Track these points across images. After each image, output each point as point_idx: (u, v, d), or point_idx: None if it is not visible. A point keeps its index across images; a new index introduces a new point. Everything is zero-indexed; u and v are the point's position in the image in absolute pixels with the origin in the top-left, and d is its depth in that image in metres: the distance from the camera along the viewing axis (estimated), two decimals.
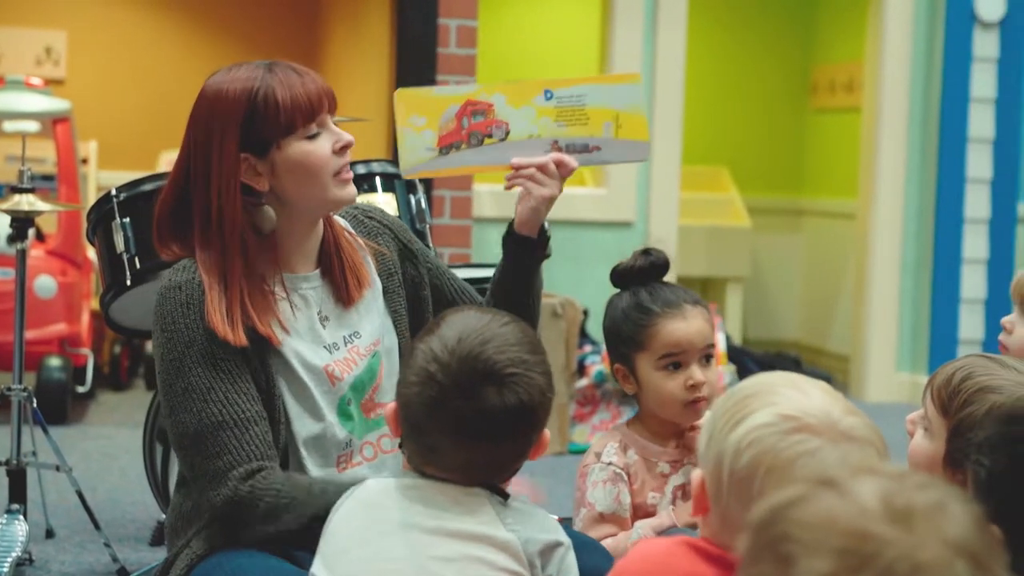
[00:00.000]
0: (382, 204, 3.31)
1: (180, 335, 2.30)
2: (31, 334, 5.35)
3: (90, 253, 5.93)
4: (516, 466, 1.93)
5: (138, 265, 3.29)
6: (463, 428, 1.86)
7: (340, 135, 2.41)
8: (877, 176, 6.68)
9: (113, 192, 3.36)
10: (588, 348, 5.73)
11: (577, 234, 6.21)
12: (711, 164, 7.90)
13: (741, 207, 7.73)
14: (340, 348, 2.43)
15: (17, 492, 3.65)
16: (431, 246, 3.46)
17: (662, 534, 2.47)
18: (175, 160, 2.43)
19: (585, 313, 5.85)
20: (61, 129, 5.83)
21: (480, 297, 2.67)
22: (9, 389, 3.69)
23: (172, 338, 2.30)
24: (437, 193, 5.72)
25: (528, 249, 2.60)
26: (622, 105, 2.57)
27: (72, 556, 3.86)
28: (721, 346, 5.94)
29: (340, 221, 2.53)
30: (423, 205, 3.50)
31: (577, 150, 2.59)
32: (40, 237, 5.87)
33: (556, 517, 2.03)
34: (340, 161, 2.40)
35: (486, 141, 2.56)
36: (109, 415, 5.83)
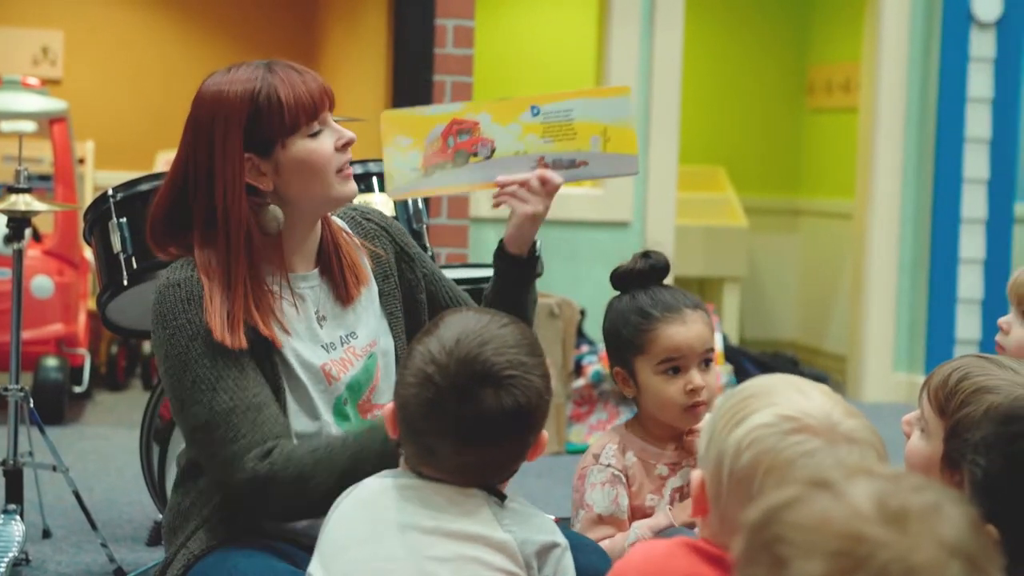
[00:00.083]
0: (379, 204, 3.30)
1: (183, 330, 2.30)
2: (28, 334, 5.35)
3: (87, 253, 5.93)
4: (514, 467, 1.93)
5: (135, 265, 3.29)
6: (460, 430, 1.86)
7: (342, 132, 2.42)
8: (874, 176, 6.68)
9: (110, 192, 3.36)
10: (585, 348, 5.73)
11: (574, 234, 6.20)
12: (708, 164, 7.89)
13: (738, 207, 7.72)
14: (337, 348, 2.43)
15: (14, 492, 3.64)
16: (428, 246, 3.45)
17: (660, 534, 2.47)
18: (172, 161, 2.43)
19: (582, 313, 5.84)
20: (58, 129, 5.82)
21: (476, 304, 2.65)
22: (6, 389, 3.69)
23: (176, 334, 2.30)
24: None
25: (517, 267, 2.57)
26: (611, 119, 2.52)
27: (69, 556, 3.86)
28: (718, 346, 5.94)
29: (338, 222, 2.53)
30: (420, 205, 3.50)
31: (564, 166, 2.54)
32: (37, 237, 5.86)
33: (553, 517, 2.03)
34: (342, 158, 2.41)
35: (471, 160, 2.52)
36: (106, 415, 5.83)
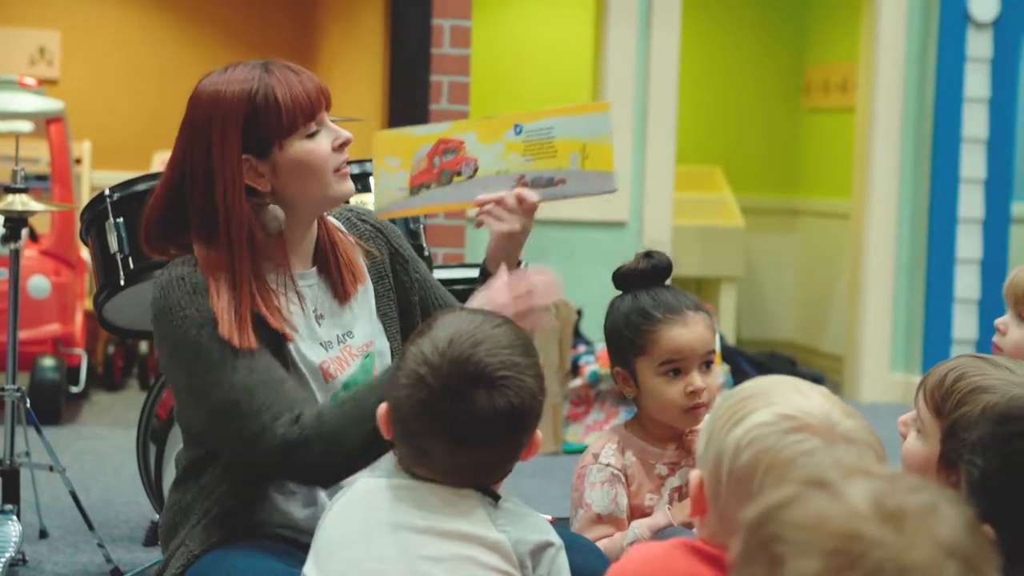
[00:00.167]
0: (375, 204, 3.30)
1: (192, 319, 2.28)
2: (25, 334, 5.35)
3: (84, 253, 5.92)
4: (507, 468, 1.93)
5: (132, 265, 3.29)
6: (453, 431, 1.85)
7: (339, 132, 2.42)
8: (871, 176, 6.69)
9: (107, 192, 3.36)
10: (582, 348, 5.73)
11: (571, 234, 6.21)
12: (705, 164, 7.90)
13: (735, 207, 7.72)
14: (334, 346, 2.43)
15: (10, 492, 3.64)
16: (425, 246, 3.45)
17: (658, 533, 2.46)
18: (167, 163, 2.42)
19: (579, 313, 5.84)
20: (55, 129, 5.82)
21: None
22: (2, 389, 3.69)
23: (184, 323, 2.28)
24: None
25: None
26: (590, 135, 2.50)
27: (66, 556, 3.86)
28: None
29: (333, 221, 2.53)
30: None
31: (542, 184, 2.52)
32: (34, 237, 5.86)
33: (550, 517, 2.03)
34: (339, 158, 2.41)
35: (455, 179, 2.51)
36: (103, 415, 5.83)
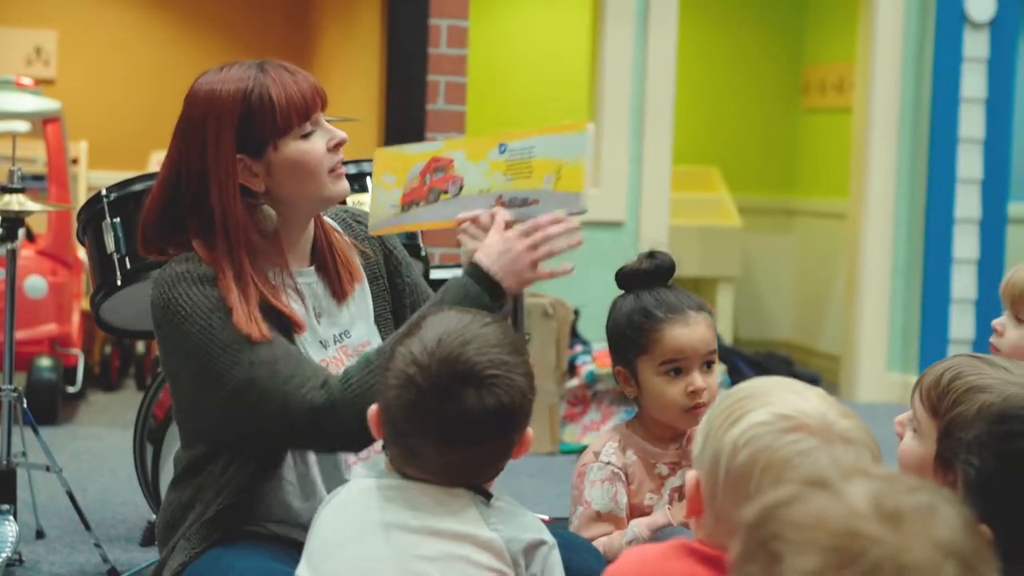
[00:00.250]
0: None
1: (202, 304, 2.29)
2: (21, 334, 5.34)
3: (80, 253, 5.92)
4: (499, 466, 1.92)
5: (128, 265, 3.29)
6: (442, 430, 1.85)
7: (334, 132, 2.42)
8: (868, 176, 6.69)
9: (103, 192, 3.36)
10: (579, 348, 5.73)
11: None
12: (702, 164, 7.90)
13: (732, 207, 7.73)
14: (330, 346, 2.43)
15: (7, 492, 3.64)
16: (422, 246, 3.46)
17: (658, 532, 2.47)
18: (163, 162, 2.42)
19: (576, 313, 5.84)
20: (51, 129, 5.82)
21: None
22: None
23: (194, 311, 2.29)
24: None
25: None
26: (566, 156, 2.47)
27: (62, 557, 3.86)
28: None
29: (329, 222, 2.54)
30: None
31: (518, 204, 2.50)
32: (30, 237, 5.86)
33: (547, 517, 2.03)
34: (334, 158, 2.41)
35: (442, 197, 2.51)
36: (99, 415, 5.83)
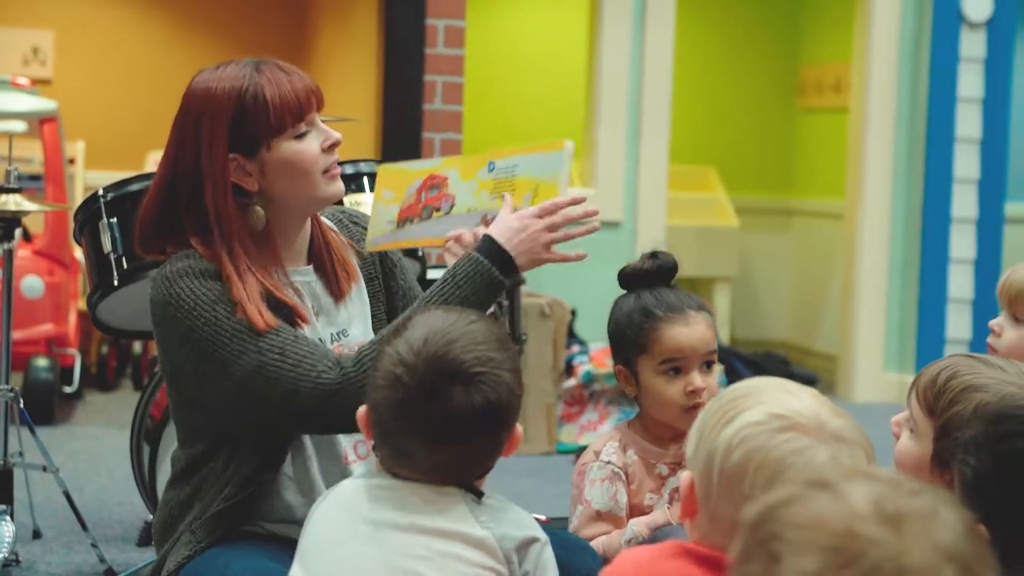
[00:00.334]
0: (369, 204, 3.30)
1: (205, 297, 2.29)
2: (18, 334, 5.34)
3: (77, 253, 5.92)
4: (489, 464, 1.92)
5: (125, 265, 3.29)
6: (431, 430, 1.85)
7: (328, 133, 2.42)
8: (865, 176, 6.69)
9: (100, 192, 3.36)
10: (576, 348, 5.72)
11: None
12: (699, 164, 7.90)
13: (729, 207, 7.73)
14: (328, 345, 2.43)
15: (4, 493, 3.64)
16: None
17: (657, 531, 2.47)
18: (160, 160, 2.42)
19: (573, 313, 5.84)
20: (48, 129, 5.82)
21: None
22: None
23: (198, 304, 2.29)
24: None
25: None
26: (544, 174, 2.48)
27: (59, 557, 3.86)
28: None
29: (325, 222, 2.54)
30: None
31: None
32: (27, 237, 5.86)
33: (544, 517, 2.03)
34: (329, 159, 2.40)
35: (434, 215, 2.51)
36: (96, 415, 5.82)
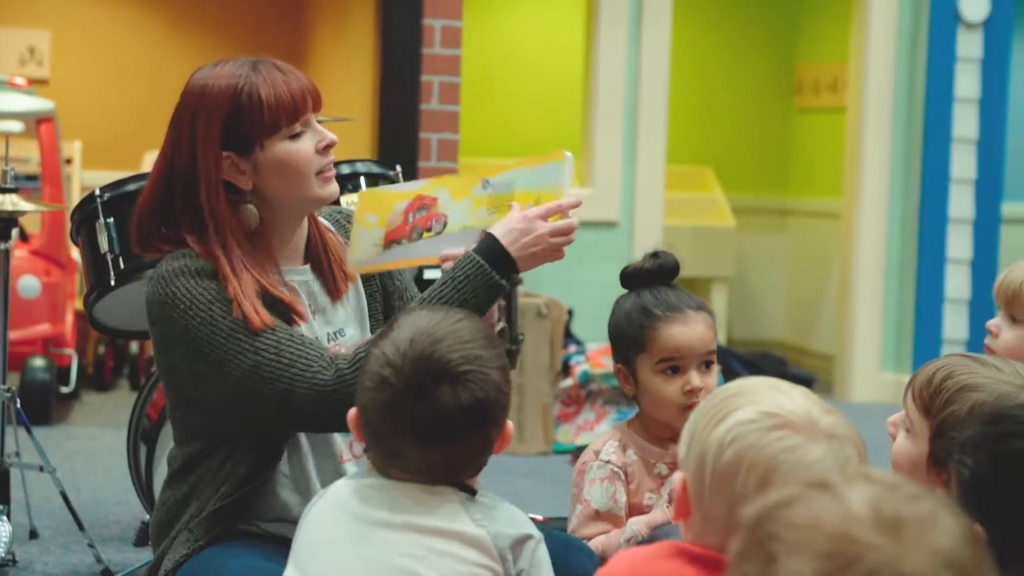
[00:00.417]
0: None
1: (201, 296, 2.29)
2: (15, 334, 5.34)
3: (74, 253, 5.92)
4: (480, 462, 1.92)
5: (122, 265, 3.29)
6: (420, 430, 1.84)
7: (323, 134, 2.41)
8: (861, 176, 6.69)
9: (97, 192, 3.36)
10: (573, 348, 5.72)
11: None
12: (696, 164, 7.90)
13: (726, 207, 7.73)
14: (325, 344, 2.43)
15: (1, 493, 3.64)
16: None
17: (656, 530, 2.47)
18: (158, 156, 2.42)
19: (570, 313, 5.84)
20: (45, 129, 5.82)
21: None
22: None
23: (194, 303, 2.29)
24: None
25: None
26: (545, 186, 2.47)
27: (56, 557, 3.85)
28: None
29: (322, 222, 2.54)
30: None
31: None
32: (24, 237, 5.85)
33: (541, 517, 2.02)
34: (323, 160, 2.40)
35: (425, 235, 2.51)
36: (93, 416, 5.82)
